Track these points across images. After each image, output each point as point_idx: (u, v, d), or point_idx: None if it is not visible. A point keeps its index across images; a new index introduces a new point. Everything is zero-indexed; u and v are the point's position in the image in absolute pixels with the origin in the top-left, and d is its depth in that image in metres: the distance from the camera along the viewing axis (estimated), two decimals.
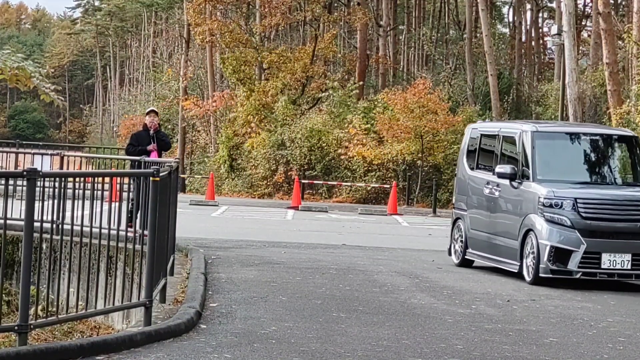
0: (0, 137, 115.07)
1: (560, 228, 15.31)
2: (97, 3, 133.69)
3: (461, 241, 17.74)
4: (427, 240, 23.72)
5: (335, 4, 61.78)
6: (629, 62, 41.69)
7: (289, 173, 45.30)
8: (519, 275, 15.82)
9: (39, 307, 9.95)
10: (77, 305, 9.73)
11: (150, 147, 19.07)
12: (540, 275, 15.29)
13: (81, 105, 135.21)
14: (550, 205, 15.36)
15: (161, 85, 75.23)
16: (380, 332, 10.83)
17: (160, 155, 19.11)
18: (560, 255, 15.25)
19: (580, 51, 53.41)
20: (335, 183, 43.81)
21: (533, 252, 15.43)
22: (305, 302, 12.60)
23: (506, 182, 16.29)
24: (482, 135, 17.89)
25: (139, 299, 10.50)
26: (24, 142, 43.84)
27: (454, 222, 18.21)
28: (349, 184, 43.44)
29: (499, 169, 16.38)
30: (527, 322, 12.04)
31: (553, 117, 42.88)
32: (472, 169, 17.83)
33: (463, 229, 17.70)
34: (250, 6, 55.23)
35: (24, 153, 28.59)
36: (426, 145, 42.44)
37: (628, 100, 33.19)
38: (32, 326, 8.84)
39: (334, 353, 9.57)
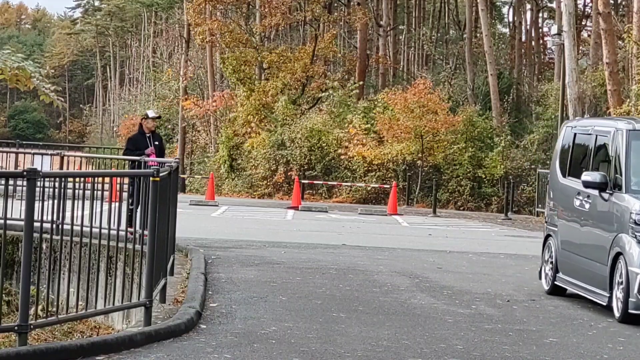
0: (0, 137, 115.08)
1: None
2: (97, 3, 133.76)
3: (551, 263, 14.84)
4: (427, 240, 23.72)
5: (335, 4, 61.78)
6: (629, 62, 41.69)
7: (289, 173, 45.30)
8: (608, 309, 12.91)
9: (39, 307, 9.95)
10: (77, 305, 9.73)
11: (148, 151, 19.05)
12: (630, 311, 12.32)
13: (81, 105, 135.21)
14: None
15: (161, 85, 75.25)
16: (380, 332, 10.83)
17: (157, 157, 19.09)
18: None
19: (580, 51, 53.40)
20: (335, 183, 43.80)
21: (622, 282, 12.53)
22: (305, 302, 12.60)
23: (596, 192, 13.49)
24: (575, 135, 15.01)
25: (139, 299, 10.50)
26: (24, 142, 43.88)
27: (545, 239, 15.38)
28: (349, 184, 43.43)
29: (586, 176, 13.51)
30: (527, 322, 12.04)
31: (553, 117, 42.91)
32: (564, 175, 15.02)
33: (553, 248, 14.84)
34: (250, 6, 55.24)
35: (24, 153, 28.63)
36: (426, 145, 42.46)
37: (628, 100, 33.19)
38: (32, 326, 8.84)
39: (334, 353, 9.57)
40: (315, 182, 43.72)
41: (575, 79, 35.39)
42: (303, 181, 41.40)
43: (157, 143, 19.29)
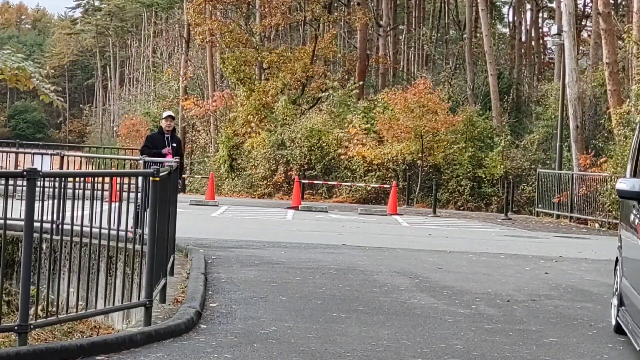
0: (0, 137, 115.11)
1: None
2: (97, 3, 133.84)
3: (618, 294, 11.33)
4: (427, 240, 23.71)
5: (335, 4, 61.80)
6: (629, 62, 41.69)
7: (289, 173, 45.31)
8: None
9: (39, 307, 9.95)
10: (77, 305, 9.73)
11: (165, 151, 19.19)
12: None
13: (81, 105, 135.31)
14: None
15: (161, 85, 75.34)
16: (380, 332, 10.83)
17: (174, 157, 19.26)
18: None
19: (580, 51, 53.41)
20: (335, 183, 43.81)
21: None
22: (305, 302, 12.60)
23: None
24: None
25: (139, 299, 10.50)
26: (24, 142, 43.83)
27: (615, 264, 12.04)
28: (349, 184, 43.44)
29: (621, 184, 10.02)
30: (527, 322, 12.04)
31: (553, 117, 42.92)
32: None
33: (618, 275, 11.47)
34: (250, 6, 55.25)
35: (24, 153, 28.63)
36: (426, 145, 42.46)
37: (628, 100, 33.18)
38: (32, 326, 8.83)
39: (334, 353, 9.56)
40: (315, 182, 43.73)
41: (575, 79, 35.39)
42: (303, 181, 41.40)
43: (174, 145, 19.54)
